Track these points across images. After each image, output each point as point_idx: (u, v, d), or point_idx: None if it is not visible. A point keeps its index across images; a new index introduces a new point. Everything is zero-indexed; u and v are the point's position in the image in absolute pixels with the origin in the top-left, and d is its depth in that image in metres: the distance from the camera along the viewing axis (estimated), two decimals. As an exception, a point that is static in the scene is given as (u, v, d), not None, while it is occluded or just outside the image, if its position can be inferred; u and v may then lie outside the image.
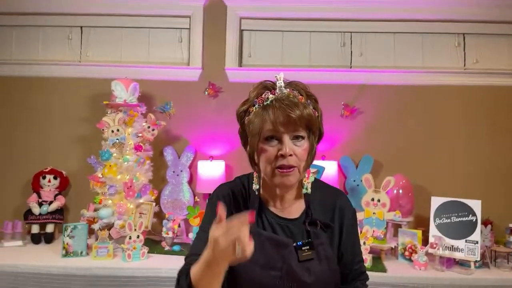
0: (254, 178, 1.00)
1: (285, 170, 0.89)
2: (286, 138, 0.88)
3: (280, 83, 0.92)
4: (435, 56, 2.42)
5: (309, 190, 0.98)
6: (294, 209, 1.00)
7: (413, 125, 2.35)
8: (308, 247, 0.93)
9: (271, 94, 0.91)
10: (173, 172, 2.28)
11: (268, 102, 0.90)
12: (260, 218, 0.98)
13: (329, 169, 2.19)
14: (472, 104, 2.34)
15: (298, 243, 0.94)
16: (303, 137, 0.90)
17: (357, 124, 2.37)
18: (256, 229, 0.94)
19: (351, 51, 2.45)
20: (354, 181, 2.28)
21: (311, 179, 1.01)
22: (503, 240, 2.08)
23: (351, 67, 2.43)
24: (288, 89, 0.91)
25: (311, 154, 0.93)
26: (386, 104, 2.36)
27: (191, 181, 2.32)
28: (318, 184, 1.04)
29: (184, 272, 0.88)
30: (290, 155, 0.88)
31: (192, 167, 2.33)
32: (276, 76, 0.94)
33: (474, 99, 2.34)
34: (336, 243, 0.99)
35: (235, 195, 1.00)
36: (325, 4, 2.40)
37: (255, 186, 0.99)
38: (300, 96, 0.91)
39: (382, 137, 2.35)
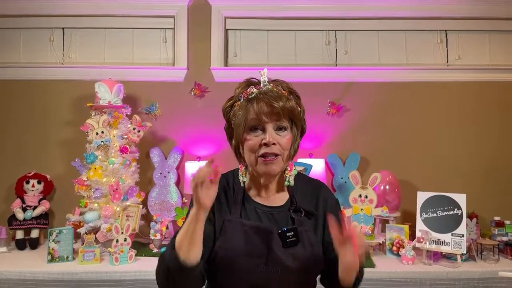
0: (242, 171, 1.02)
1: (268, 159, 0.93)
2: (270, 128, 0.93)
3: (264, 78, 0.97)
4: (418, 53, 2.45)
5: (292, 183, 1.00)
6: (279, 198, 1.03)
7: (399, 122, 2.38)
8: (292, 233, 0.96)
9: (255, 88, 0.95)
10: (160, 173, 2.26)
11: (253, 95, 0.95)
12: (245, 208, 1.01)
13: (317, 167, 2.20)
14: (455, 100, 2.38)
15: (283, 229, 0.96)
16: (286, 128, 0.95)
17: (344, 121, 2.38)
18: (239, 220, 0.98)
19: (336, 49, 2.46)
20: (342, 178, 2.29)
21: (294, 172, 1.04)
22: (488, 233, 2.12)
23: (336, 65, 2.44)
24: (272, 84, 0.97)
25: (294, 146, 0.97)
26: (371, 101, 2.38)
27: (179, 182, 2.31)
28: (300, 177, 1.08)
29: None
30: (274, 144, 0.92)
31: (180, 168, 2.31)
32: (260, 72, 0.98)
33: (458, 95, 2.38)
34: (320, 230, 1.02)
35: (223, 185, 1.02)
36: (309, 3, 2.40)
37: (242, 179, 1.01)
38: (283, 91, 0.96)
39: (368, 134, 2.37)
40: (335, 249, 0.89)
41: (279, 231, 0.96)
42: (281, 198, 1.03)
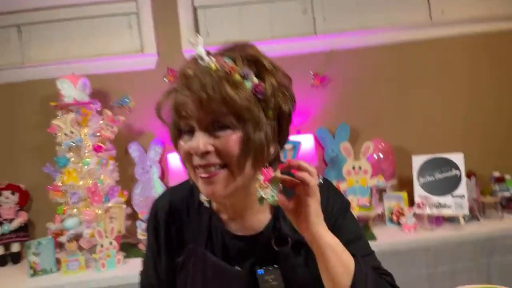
0: None
1: (205, 174, 0.65)
2: (197, 130, 0.65)
3: (199, 51, 0.65)
4: (399, 10, 2.31)
5: (271, 198, 0.64)
6: (257, 220, 0.75)
7: (386, 86, 2.26)
8: (273, 276, 0.72)
9: (190, 70, 0.65)
10: (142, 169, 2.13)
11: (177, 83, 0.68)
12: (210, 239, 0.76)
13: (306, 143, 2.09)
14: (443, 57, 2.27)
15: (258, 271, 0.72)
16: (228, 126, 0.64)
17: (329, 92, 2.26)
18: (203, 252, 0.74)
19: (314, 17, 2.32)
20: (333, 151, 2.18)
21: (273, 179, 0.66)
22: (488, 190, 2.05)
23: (315, 34, 2.30)
24: (213, 58, 0.65)
25: (251, 146, 0.64)
26: (355, 68, 2.26)
27: (163, 176, 2.18)
28: None
29: None
30: (206, 152, 0.64)
31: (162, 161, 2.18)
32: (189, 40, 0.70)
33: (445, 51, 2.27)
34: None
35: (175, 210, 0.79)
36: (279, -30, 2.25)
37: (203, 197, 0.77)
38: (232, 66, 0.64)
39: (356, 102, 2.25)
40: None
41: (258, 272, 0.71)
42: (260, 220, 0.75)
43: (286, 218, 0.70)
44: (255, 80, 0.66)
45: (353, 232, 0.77)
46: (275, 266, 0.72)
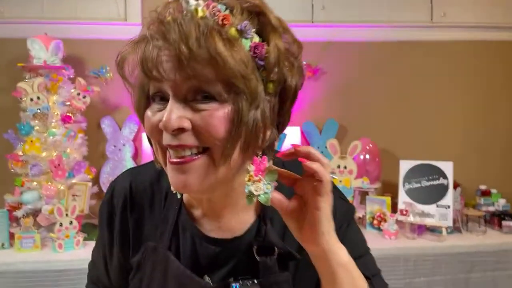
0: None
1: (176, 160, 0.50)
2: (171, 98, 0.49)
3: None
4: (401, 9, 2.22)
5: (261, 197, 0.49)
6: (238, 221, 0.61)
7: (380, 85, 2.17)
8: None
9: (169, 15, 0.48)
10: (114, 146, 1.98)
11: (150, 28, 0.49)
12: (176, 238, 0.61)
13: (291, 137, 1.99)
14: (441, 60, 2.19)
15: (233, 285, 0.57)
16: (214, 97, 0.48)
17: (320, 85, 2.15)
18: (166, 253, 0.59)
19: (312, 4, 2.19)
20: (318, 147, 2.08)
21: (269, 176, 0.50)
22: (471, 203, 2.00)
23: (312, 22, 2.19)
24: (202, 2, 0.48)
25: (242, 126, 0.49)
26: (350, 62, 2.16)
27: (136, 155, 2.04)
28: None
29: None
30: (180, 129, 0.48)
31: (137, 140, 2.03)
32: None
33: (443, 54, 2.19)
34: (309, 276, 0.59)
35: (136, 197, 0.64)
36: (281, -50, 2.11)
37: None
38: (226, 16, 0.48)
39: (347, 99, 2.16)
40: None
41: (231, 287, 0.57)
42: (241, 221, 0.60)
43: (275, 221, 0.58)
44: (256, 38, 0.50)
45: (359, 244, 0.64)
46: (254, 280, 0.57)
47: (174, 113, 0.48)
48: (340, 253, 0.51)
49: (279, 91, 0.53)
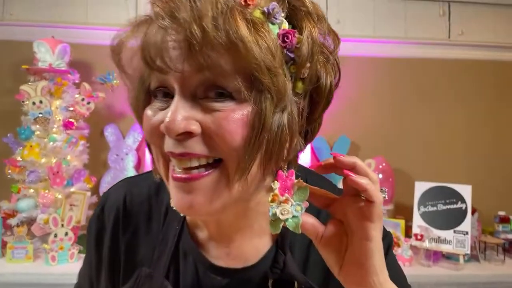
0: None
1: (181, 176, 0.41)
2: (177, 94, 0.40)
3: None
4: (418, 26, 2.16)
5: (289, 222, 0.40)
6: (250, 247, 0.51)
7: (395, 102, 2.10)
8: None
9: None
10: (117, 155, 1.91)
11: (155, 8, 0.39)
12: (176, 265, 0.52)
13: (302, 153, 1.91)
14: (458, 79, 2.12)
15: None
16: (230, 95, 0.39)
17: (333, 100, 2.07)
18: (163, 282, 0.50)
19: (327, 18, 2.15)
20: (329, 165, 2.00)
21: (297, 196, 0.41)
22: (488, 230, 1.89)
23: (326, 36, 2.13)
24: None
25: (265, 133, 0.39)
26: (364, 78, 2.10)
27: (139, 165, 1.96)
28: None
29: None
30: (187, 133, 0.39)
31: (141, 150, 1.96)
32: None
33: (460, 73, 2.12)
34: None
35: (130, 212, 0.55)
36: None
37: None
38: None
39: (360, 115, 2.08)
40: None
41: None
42: (254, 248, 0.50)
43: (295, 249, 0.48)
44: (286, 25, 0.41)
45: (402, 278, 0.54)
46: None
47: (180, 113, 0.38)
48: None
49: (310, 92, 0.44)
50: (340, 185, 0.45)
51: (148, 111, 0.43)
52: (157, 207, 0.55)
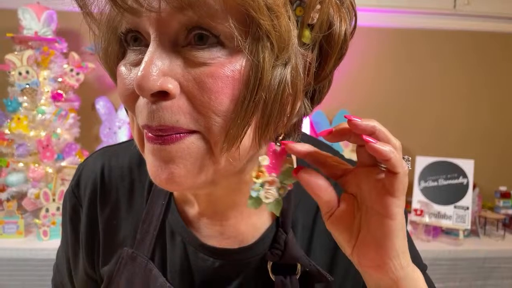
0: None
1: (157, 139, 0.33)
2: (154, 39, 0.32)
3: None
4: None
5: (269, 205, 0.36)
6: (247, 226, 0.45)
7: (397, 74, 2.03)
8: None
9: None
10: (109, 129, 1.85)
11: None
12: (162, 245, 0.46)
13: (299, 126, 1.85)
14: (463, 51, 2.05)
15: None
16: (219, 41, 0.31)
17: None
18: (148, 264, 0.44)
19: (327, -14, 2.05)
20: (328, 139, 1.95)
21: (285, 168, 0.36)
22: (488, 205, 1.87)
23: (326, 5, 2.04)
24: None
25: (261, 91, 0.32)
26: (366, 49, 2.02)
27: (132, 139, 1.91)
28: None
29: None
30: (162, 92, 0.31)
31: (134, 123, 1.90)
32: None
33: (466, 45, 2.05)
34: None
35: (109, 186, 0.48)
36: None
37: None
38: None
39: (361, 88, 2.02)
40: None
41: None
42: (254, 227, 0.45)
43: (298, 228, 0.42)
44: None
45: (418, 258, 0.49)
46: None
47: (156, 66, 0.30)
48: (419, 283, 0.35)
49: (319, 43, 0.36)
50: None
51: (122, 68, 0.35)
52: (139, 180, 0.48)
